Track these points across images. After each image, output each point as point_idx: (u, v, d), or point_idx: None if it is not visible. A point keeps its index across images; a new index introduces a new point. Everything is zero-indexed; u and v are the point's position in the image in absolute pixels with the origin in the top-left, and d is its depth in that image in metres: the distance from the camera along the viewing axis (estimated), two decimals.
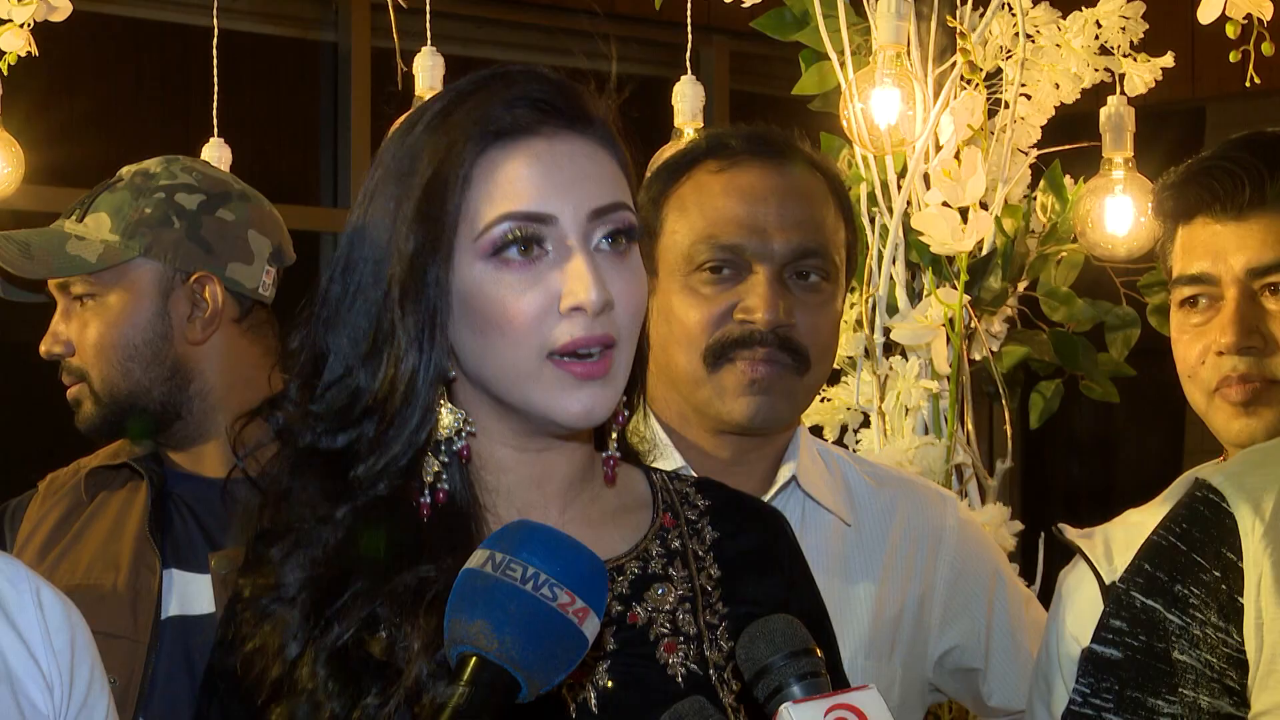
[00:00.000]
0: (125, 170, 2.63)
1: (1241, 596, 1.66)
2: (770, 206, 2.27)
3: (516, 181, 1.61)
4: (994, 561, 2.49)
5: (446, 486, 1.66)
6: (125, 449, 2.61)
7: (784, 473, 2.34)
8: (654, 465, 1.84)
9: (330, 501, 1.64)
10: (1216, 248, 2.15)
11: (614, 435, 1.71)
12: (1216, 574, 1.68)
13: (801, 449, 2.37)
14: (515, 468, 1.69)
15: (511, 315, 1.61)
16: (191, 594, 2.48)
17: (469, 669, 1.39)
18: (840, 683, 1.62)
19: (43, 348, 2.57)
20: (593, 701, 1.63)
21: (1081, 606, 2.25)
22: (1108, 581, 2.22)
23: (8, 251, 2.52)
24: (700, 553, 1.75)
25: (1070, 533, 2.32)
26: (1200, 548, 1.70)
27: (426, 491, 1.65)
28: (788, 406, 2.30)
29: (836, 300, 2.33)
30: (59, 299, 2.58)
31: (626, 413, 1.73)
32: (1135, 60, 3.17)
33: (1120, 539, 2.26)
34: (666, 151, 3.02)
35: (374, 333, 1.63)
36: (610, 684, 1.64)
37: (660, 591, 1.70)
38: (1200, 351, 2.18)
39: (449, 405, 1.65)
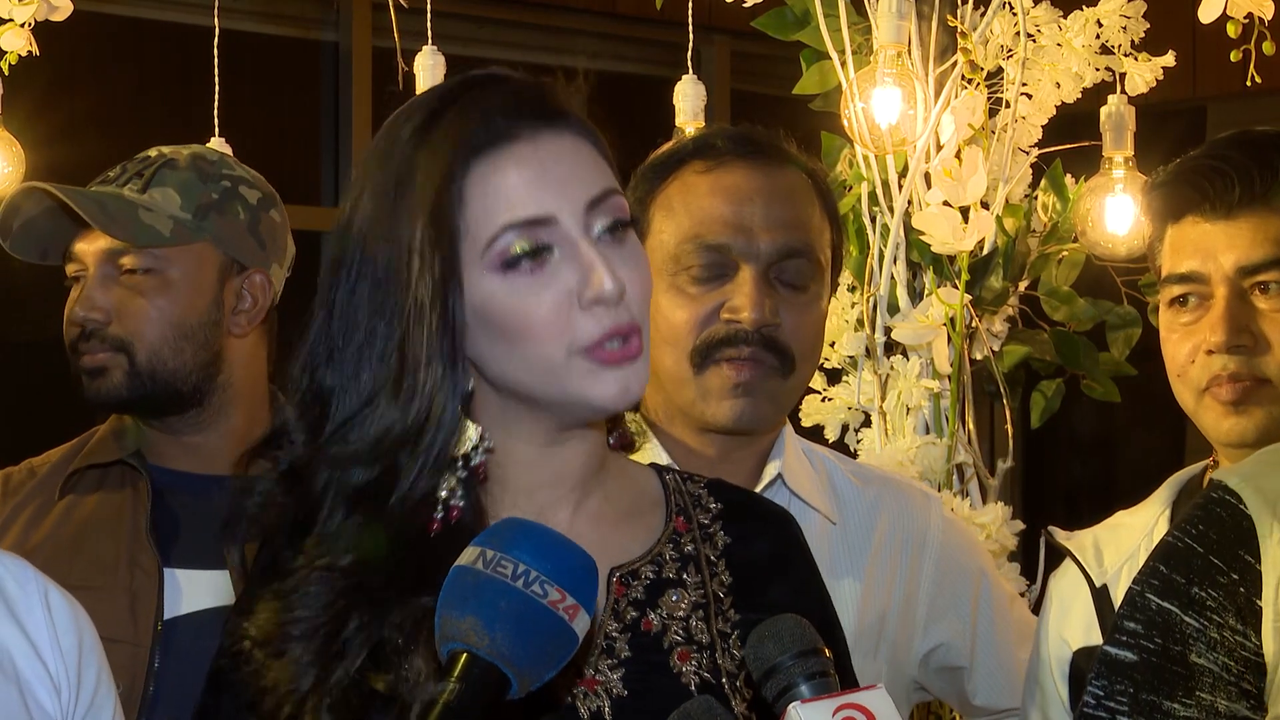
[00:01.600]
0: (170, 150, 2.59)
1: (1260, 599, 1.64)
2: (756, 206, 2.28)
3: (510, 190, 1.61)
4: (978, 560, 2.50)
5: (461, 504, 1.65)
6: (110, 448, 2.57)
7: (770, 470, 2.35)
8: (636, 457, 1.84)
9: (356, 533, 1.63)
10: (1206, 246, 2.15)
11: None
12: (1234, 576, 1.66)
13: (787, 447, 2.37)
14: (535, 466, 1.69)
15: (533, 318, 1.61)
16: (200, 591, 2.46)
17: (459, 665, 1.39)
18: (850, 685, 1.62)
19: (79, 311, 2.50)
20: (607, 710, 1.63)
21: (1071, 609, 2.25)
22: (1098, 584, 2.22)
23: (86, 205, 2.47)
24: (713, 558, 1.75)
25: (1059, 535, 2.32)
26: (1217, 550, 1.67)
27: (440, 508, 1.65)
28: (772, 408, 2.30)
29: (822, 300, 2.34)
30: (96, 267, 2.52)
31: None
32: (1136, 59, 3.17)
33: (1109, 540, 2.26)
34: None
35: (398, 363, 1.62)
36: (625, 692, 1.64)
37: (674, 598, 1.71)
38: (1190, 350, 2.17)
39: (469, 420, 1.65)
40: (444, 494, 1.65)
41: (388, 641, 1.59)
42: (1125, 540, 2.23)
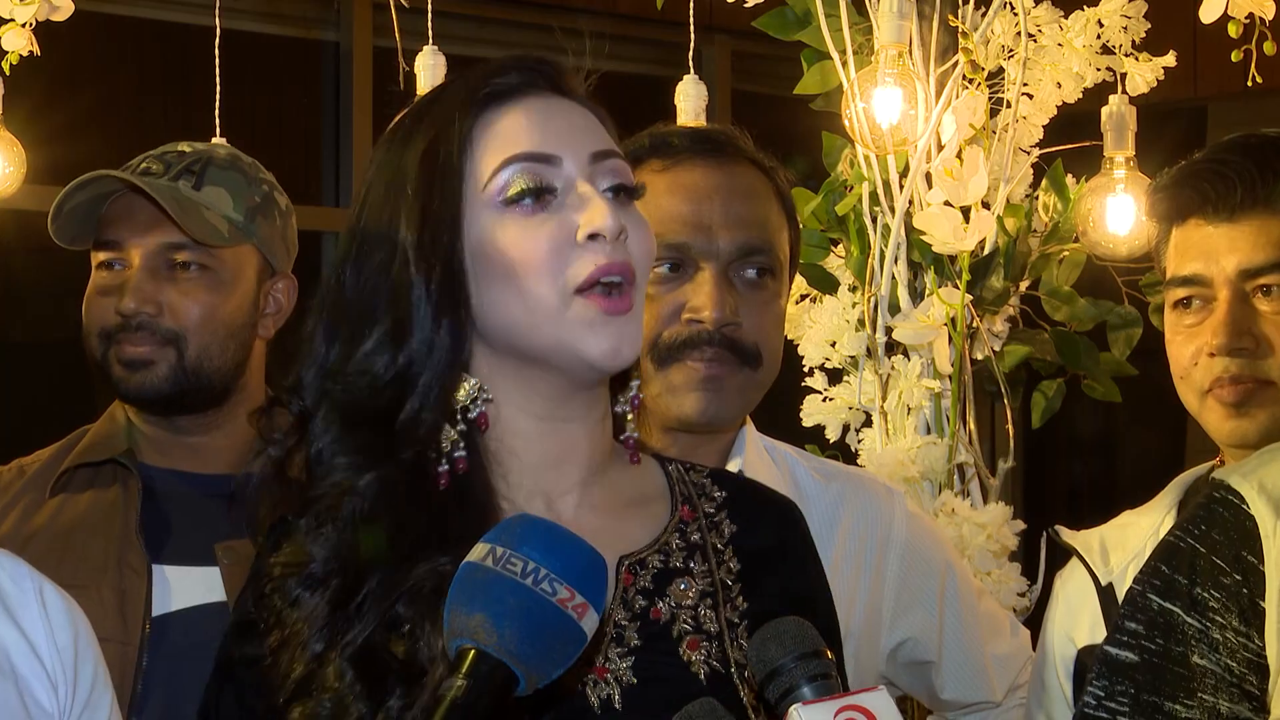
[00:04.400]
0: (203, 147, 2.60)
1: (1263, 601, 1.63)
2: (714, 204, 2.28)
3: (518, 130, 1.65)
4: (944, 555, 2.50)
5: (464, 454, 1.66)
6: (101, 447, 2.56)
7: (731, 468, 2.33)
8: None
9: (357, 471, 1.65)
10: (1209, 249, 2.16)
11: (630, 416, 1.74)
12: (1237, 577, 1.65)
13: (748, 444, 2.37)
14: (537, 441, 1.69)
15: (528, 254, 1.62)
16: (190, 587, 2.46)
17: (467, 662, 1.39)
18: (846, 681, 1.62)
19: (130, 302, 2.48)
20: (616, 698, 1.63)
21: (1077, 607, 2.26)
22: (1104, 582, 2.22)
23: (166, 198, 2.46)
24: (719, 546, 1.75)
25: (1065, 534, 2.32)
26: (1220, 550, 1.67)
27: (445, 461, 1.65)
28: (738, 403, 2.30)
29: (781, 297, 2.34)
30: (146, 259, 2.50)
31: (638, 395, 1.74)
32: (1137, 59, 3.17)
33: (1115, 540, 2.27)
34: None
35: (393, 306, 1.65)
36: (635, 681, 1.64)
37: (682, 586, 1.71)
38: (1193, 353, 2.18)
39: (465, 374, 1.66)
40: (446, 445, 1.65)
41: (403, 606, 1.60)
42: (1132, 539, 2.24)
